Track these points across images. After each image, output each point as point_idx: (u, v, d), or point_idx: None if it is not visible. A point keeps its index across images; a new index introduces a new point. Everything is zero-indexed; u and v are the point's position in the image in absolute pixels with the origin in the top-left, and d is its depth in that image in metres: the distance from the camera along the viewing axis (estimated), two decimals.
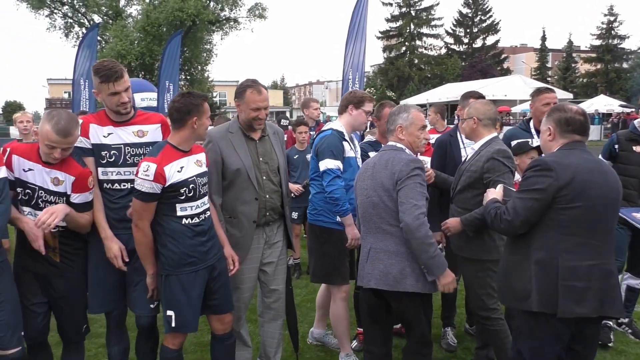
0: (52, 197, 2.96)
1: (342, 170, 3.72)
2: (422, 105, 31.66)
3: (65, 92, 50.80)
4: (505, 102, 33.42)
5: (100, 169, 3.13)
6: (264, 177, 3.47)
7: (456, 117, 6.41)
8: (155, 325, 3.36)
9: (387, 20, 52.71)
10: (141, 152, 3.16)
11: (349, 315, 3.99)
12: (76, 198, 3.00)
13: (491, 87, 32.09)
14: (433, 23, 52.05)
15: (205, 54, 37.71)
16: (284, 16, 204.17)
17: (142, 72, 33.43)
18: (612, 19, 47.93)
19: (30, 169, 2.93)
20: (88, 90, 10.40)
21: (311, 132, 6.51)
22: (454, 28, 53.96)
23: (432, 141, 4.75)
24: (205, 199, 3.12)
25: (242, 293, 3.51)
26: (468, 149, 3.80)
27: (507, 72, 50.55)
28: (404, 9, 51.65)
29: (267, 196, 3.47)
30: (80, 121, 3.11)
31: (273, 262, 3.60)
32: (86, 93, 10.35)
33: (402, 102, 36.20)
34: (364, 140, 4.66)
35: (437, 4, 51.16)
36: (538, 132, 4.31)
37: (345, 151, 3.78)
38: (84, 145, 3.10)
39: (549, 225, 2.62)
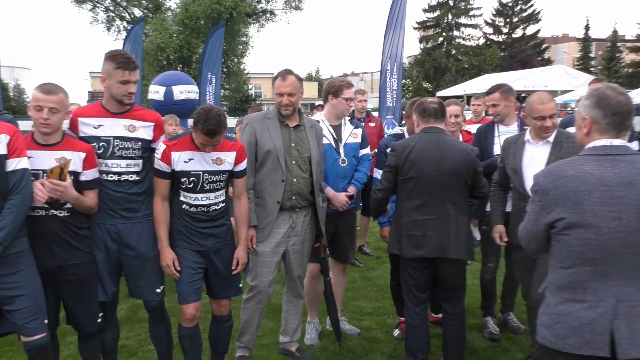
0: None
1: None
2: (458, 97, 31.23)
3: None
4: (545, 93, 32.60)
5: None
6: (293, 162, 3.63)
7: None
8: (164, 308, 3.50)
9: (425, 11, 51.96)
10: (130, 147, 3.23)
11: (317, 290, 4.22)
12: (86, 175, 3.08)
13: (532, 78, 31.35)
14: (472, 13, 51.02)
15: (241, 47, 37.98)
16: (319, 7, 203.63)
17: (181, 65, 33.94)
18: None
19: (30, 157, 2.90)
20: None
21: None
22: (493, 18, 52.80)
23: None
24: (212, 194, 3.27)
25: (263, 276, 3.67)
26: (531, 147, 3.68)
27: (548, 62, 49.23)
28: None
29: (294, 180, 3.62)
30: (70, 116, 3.22)
31: (296, 249, 3.75)
32: None
33: (438, 94, 35.89)
34: (390, 133, 4.70)
35: None
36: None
37: None
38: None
39: (400, 192, 3.54)
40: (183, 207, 3.28)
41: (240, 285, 3.54)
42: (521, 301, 4.88)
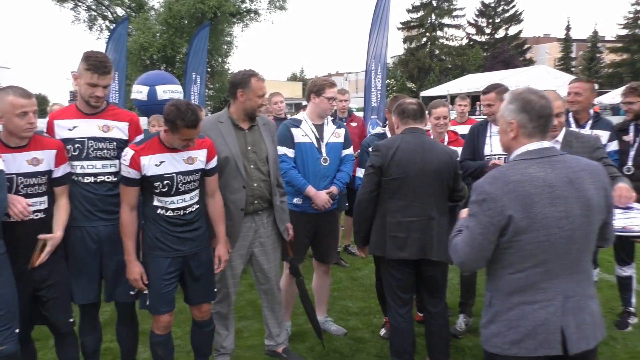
0: (32, 179, 2.97)
1: (289, 155, 4.02)
2: (442, 97, 31.43)
3: None
4: None
5: (68, 162, 3.17)
6: (252, 166, 3.58)
7: (477, 108, 6.36)
8: (135, 312, 3.49)
9: (408, 11, 52.27)
10: (104, 147, 3.20)
11: (293, 290, 4.17)
12: (59, 171, 3.06)
13: (514, 78, 31.60)
14: (455, 13, 51.48)
15: (225, 46, 37.84)
16: (303, 7, 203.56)
17: (164, 65, 33.68)
18: (639, 8, 46.80)
19: (3, 160, 2.84)
20: (117, 82, 10.57)
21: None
22: (476, 18, 53.32)
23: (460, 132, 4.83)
24: (187, 195, 3.20)
25: (228, 279, 3.63)
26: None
27: (530, 62, 49.82)
28: (425, 0, 51.13)
29: (255, 184, 3.59)
30: (47, 119, 3.23)
31: (264, 250, 3.72)
32: (115, 85, 10.54)
33: (422, 94, 36.06)
34: (372, 133, 4.71)
35: None
36: (577, 121, 4.36)
37: (294, 137, 4.03)
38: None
39: (383, 192, 3.46)
40: (158, 212, 3.17)
41: (216, 289, 3.48)
42: None
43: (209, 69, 37.06)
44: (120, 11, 37.09)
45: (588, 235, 2.14)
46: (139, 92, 11.73)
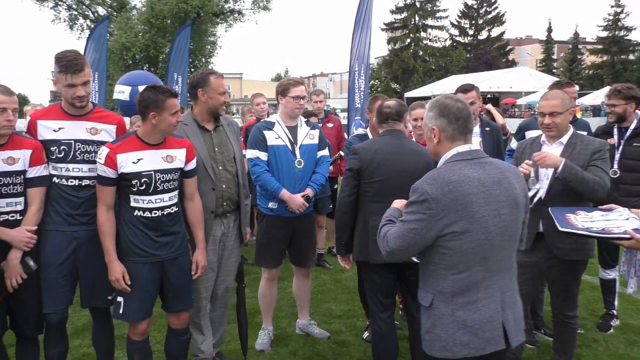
0: (7, 178, 2.91)
1: (262, 159, 3.93)
2: (426, 98, 31.58)
3: None
4: (511, 94, 33.33)
5: (50, 164, 3.08)
6: (220, 167, 3.53)
7: None
8: (110, 316, 3.40)
9: (392, 12, 52.54)
10: (92, 150, 3.12)
11: (273, 294, 4.18)
12: (32, 172, 2.98)
13: (497, 79, 32.03)
14: (438, 15, 51.85)
15: (209, 46, 37.67)
16: (287, 8, 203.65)
17: (147, 65, 33.41)
18: (618, 10, 47.54)
19: None
20: (98, 82, 10.43)
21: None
22: (459, 20, 53.75)
23: None
24: (166, 195, 3.09)
25: (201, 283, 3.53)
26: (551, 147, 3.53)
27: (512, 64, 50.35)
28: (408, 1, 51.42)
29: (224, 186, 3.54)
30: (28, 118, 3.14)
31: (227, 253, 3.66)
32: (95, 85, 10.39)
33: (406, 95, 36.23)
34: (353, 134, 4.66)
35: None
36: None
37: (267, 140, 3.96)
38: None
39: (363, 196, 3.37)
40: (135, 213, 3.05)
41: (193, 296, 3.37)
42: None
43: (192, 69, 36.85)
44: (101, 10, 36.74)
45: (516, 232, 2.26)
46: (121, 92, 11.66)
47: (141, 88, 10.16)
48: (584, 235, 2.56)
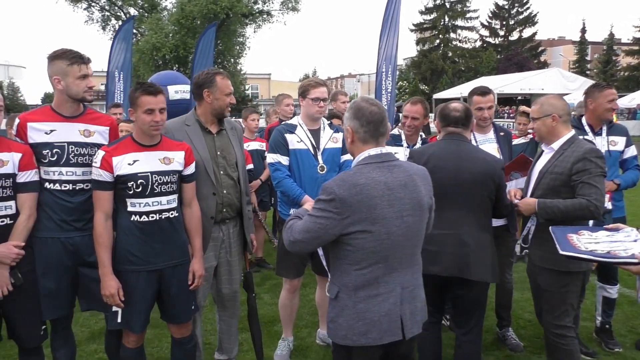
0: None
1: (283, 163, 3.79)
2: (455, 99, 31.08)
3: (102, 84, 51.64)
4: (543, 95, 32.49)
5: (42, 168, 2.97)
6: (222, 172, 3.39)
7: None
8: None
9: (421, 13, 51.95)
10: (85, 153, 3.03)
11: (294, 305, 4.06)
12: (23, 176, 2.88)
13: (528, 81, 31.37)
14: (468, 15, 50.99)
15: (238, 47, 37.86)
16: (316, 8, 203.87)
17: (176, 65, 33.74)
18: None
19: None
20: (123, 82, 10.47)
21: None
22: (489, 20, 52.81)
23: None
24: (164, 198, 2.98)
25: (199, 293, 3.39)
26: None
27: (544, 65, 49.25)
28: (438, 1, 50.76)
29: (225, 191, 3.40)
30: (17, 121, 3.02)
31: (229, 261, 3.52)
32: (120, 85, 10.42)
33: (435, 96, 35.78)
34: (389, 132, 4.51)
35: None
36: (592, 128, 4.11)
37: (288, 143, 3.79)
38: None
39: None
40: (132, 219, 2.94)
41: (193, 307, 3.22)
42: (519, 316, 4.72)
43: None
44: (133, 11, 37.25)
45: (419, 232, 2.43)
46: None
47: (170, 88, 10.16)
48: (588, 260, 2.35)
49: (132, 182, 2.91)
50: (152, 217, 2.96)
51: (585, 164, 3.00)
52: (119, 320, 3.01)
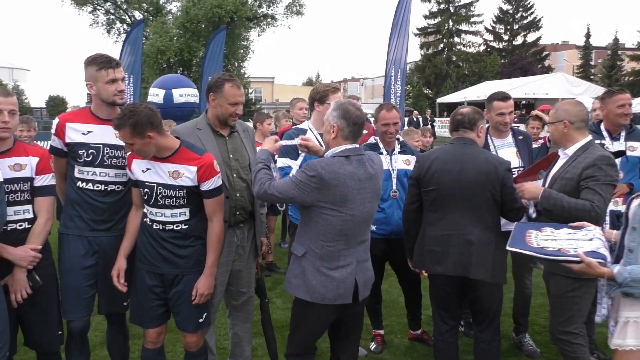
0: (14, 185, 2.84)
1: (294, 167, 3.73)
2: (459, 104, 31.07)
3: None
4: (547, 100, 32.49)
5: (76, 167, 3.05)
6: (234, 175, 3.37)
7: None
8: (125, 320, 3.36)
9: (425, 17, 51.93)
10: (120, 155, 3.08)
11: None
12: (41, 180, 2.92)
13: (532, 85, 31.32)
14: (472, 20, 50.95)
15: (242, 51, 37.90)
16: (320, 12, 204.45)
17: (181, 68, 33.80)
18: None
19: None
20: (133, 84, 10.51)
21: None
22: (493, 25, 52.77)
23: None
24: (168, 211, 2.98)
25: (211, 297, 3.35)
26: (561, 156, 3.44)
27: (548, 69, 49.21)
28: (442, 6, 50.74)
29: (238, 194, 3.37)
30: (57, 120, 3.09)
31: (242, 264, 3.50)
32: (130, 88, 10.46)
33: (439, 100, 35.72)
34: (365, 143, 4.44)
35: (477, 1, 50.00)
36: (610, 134, 4.07)
37: (298, 148, 3.75)
38: (56, 144, 3.07)
39: (424, 205, 3.43)
40: (144, 219, 3.08)
41: (201, 320, 3.17)
42: (535, 321, 4.68)
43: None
44: (138, 15, 37.37)
45: (372, 216, 2.92)
46: (155, 95, 11.73)
47: (175, 91, 10.22)
48: (529, 256, 2.43)
49: (141, 189, 3.02)
50: (156, 226, 3.02)
51: (595, 171, 2.98)
52: (131, 313, 3.17)
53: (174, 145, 3.00)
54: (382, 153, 4.16)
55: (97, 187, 3.06)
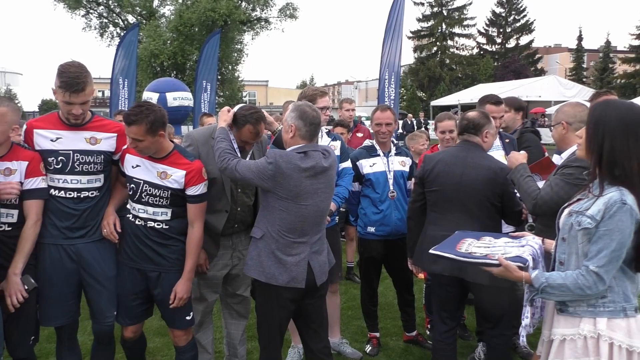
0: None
1: None
2: (453, 106, 31.14)
3: (99, 91, 51.61)
4: (540, 103, 32.68)
5: (48, 175, 2.98)
6: (239, 190, 3.37)
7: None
8: (113, 334, 3.29)
9: (419, 20, 52.08)
10: (91, 161, 3.03)
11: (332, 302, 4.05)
12: (29, 184, 2.89)
13: (525, 88, 31.46)
14: (465, 23, 51.16)
15: (236, 54, 37.90)
16: (314, 15, 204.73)
17: (174, 72, 33.75)
18: None
19: None
20: (127, 88, 10.48)
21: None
22: (486, 28, 53.00)
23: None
24: (150, 209, 3.06)
25: (206, 298, 3.45)
26: (555, 157, 3.52)
27: (541, 72, 49.46)
28: (435, 9, 50.93)
29: (239, 209, 3.39)
30: (25, 126, 3.04)
31: (240, 268, 3.48)
32: (125, 92, 10.43)
33: (432, 103, 35.81)
34: (362, 145, 4.48)
35: (470, 4, 50.24)
36: None
37: None
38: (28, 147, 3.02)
39: (428, 205, 3.49)
40: (128, 215, 3.14)
41: (189, 317, 3.24)
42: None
43: (219, 77, 37.08)
44: (131, 18, 37.28)
45: (327, 208, 3.09)
46: (149, 98, 11.73)
47: (168, 95, 10.22)
48: (450, 259, 2.40)
49: (128, 183, 3.12)
50: (139, 222, 3.08)
51: (564, 169, 2.98)
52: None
53: (169, 148, 3.09)
54: (378, 155, 4.20)
55: (70, 194, 3.00)
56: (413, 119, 24.72)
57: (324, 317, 3.23)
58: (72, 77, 2.84)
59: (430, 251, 2.50)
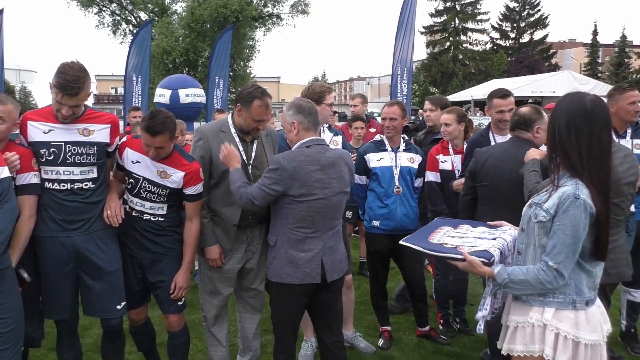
0: None
1: None
2: (466, 102, 30.91)
3: (112, 88, 51.99)
4: (554, 98, 32.28)
5: (41, 168, 2.98)
6: (252, 182, 3.36)
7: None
8: (122, 327, 3.33)
9: (431, 15, 51.80)
10: (84, 152, 3.02)
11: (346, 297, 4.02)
12: (20, 179, 2.88)
13: (539, 83, 31.12)
14: (478, 18, 50.79)
15: (247, 50, 37.93)
16: (326, 11, 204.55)
17: (187, 68, 33.88)
18: None
19: None
20: (141, 85, 10.56)
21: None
22: (500, 23, 52.56)
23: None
24: (147, 203, 3.22)
25: (220, 292, 3.50)
26: None
27: (555, 67, 48.97)
28: (448, 4, 50.61)
29: None
30: (20, 118, 3.06)
31: (254, 262, 3.52)
32: (138, 89, 10.51)
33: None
34: (372, 140, 4.49)
35: None
36: (616, 131, 4.05)
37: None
38: (22, 142, 3.03)
39: (479, 199, 3.55)
40: (125, 206, 3.25)
41: (180, 303, 3.38)
42: None
43: (230, 73, 37.12)
44: (143, 16, 37.47)
45: (341, 202, 3.09)
46: (162, 95, 11.77)
47: (181, 92, 10.25)
48: (419, 251, 2.42)
49: (127, 178, 3.23)
50: (135, 214, 3.23)
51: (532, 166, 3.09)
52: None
53: (170, 149, 3.21)
54: (386, 150, 4.23)
55: (63, 186, 2.99)
56: (423, 115, 24.59)
57: (339, 312, 3.26)
58: (68, 81, 2.84)
59: (401, 242, 2.52)
